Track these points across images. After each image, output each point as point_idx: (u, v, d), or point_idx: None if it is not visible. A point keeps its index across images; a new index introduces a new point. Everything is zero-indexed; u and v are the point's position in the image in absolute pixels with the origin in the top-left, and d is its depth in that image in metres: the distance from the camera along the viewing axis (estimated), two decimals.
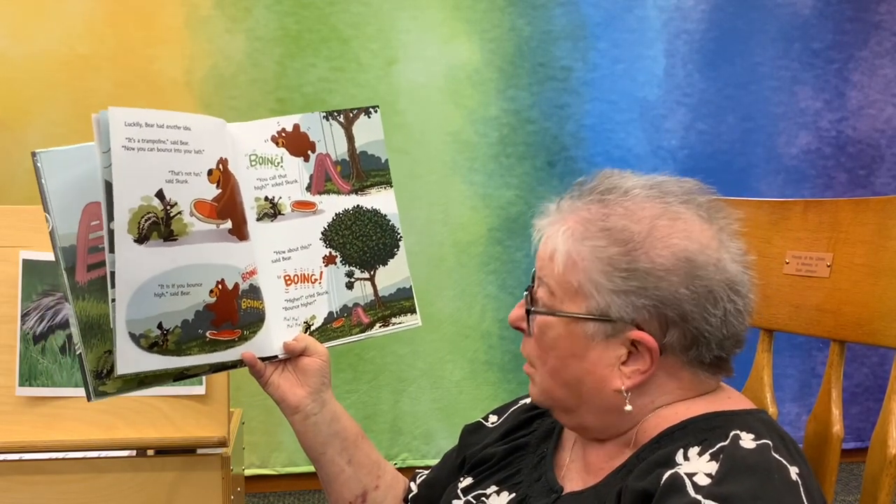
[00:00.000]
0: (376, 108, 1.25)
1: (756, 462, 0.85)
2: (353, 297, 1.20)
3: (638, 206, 0.94)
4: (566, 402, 0.98)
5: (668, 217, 0.93)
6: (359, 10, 2.95)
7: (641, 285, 0.91)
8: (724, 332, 0.93)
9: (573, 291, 0.94)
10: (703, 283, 0.91)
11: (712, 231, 0.94)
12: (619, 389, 0.94)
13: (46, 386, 1.27)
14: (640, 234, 0.92)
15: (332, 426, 1.15)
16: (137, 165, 1.00)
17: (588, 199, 0.97)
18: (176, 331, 1.04)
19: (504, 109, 3.05)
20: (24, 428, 1.26)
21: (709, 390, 0.97)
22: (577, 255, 0.94)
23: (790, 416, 3.15)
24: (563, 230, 0.96)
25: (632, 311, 0.92)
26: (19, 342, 1.27)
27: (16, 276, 1.28)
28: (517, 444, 1.10)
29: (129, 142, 1.00)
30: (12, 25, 2.80)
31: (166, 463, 1.29)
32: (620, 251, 0.92)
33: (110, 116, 1.00)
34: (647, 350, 0.92)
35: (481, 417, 1.21)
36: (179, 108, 2.85)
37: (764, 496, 0.82)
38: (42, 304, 1.29)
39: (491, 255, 3.07)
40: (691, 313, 0.91)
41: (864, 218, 1.05)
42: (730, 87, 3.17)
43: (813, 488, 0.86)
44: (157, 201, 1.02)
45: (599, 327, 0.93)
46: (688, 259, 0.91)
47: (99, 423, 1.27)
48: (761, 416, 0.93)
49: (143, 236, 1.01)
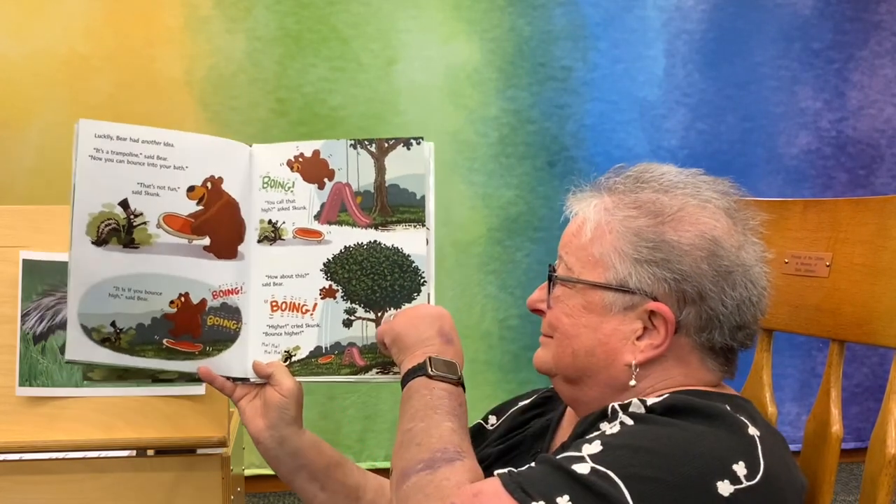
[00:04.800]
0: (420, 140, 1.16)
1: (700, 407, 0.86)
2: (348, 336, 1.13)
3: (671, 185, 0.98)
4: (571, 371, 0.99)
5: (700, 200, 0.96)
6: (359, 10, 2.96)
7: (665, 258, 0.93)
8: (738, 318, 0.95)
9: (593, 262, 0.97)
10: (723, 264, 0.94)
11: (737, 225, 0.97)
12: (629, 364, 0.95)
13: (46, 386, 1.27)
14: (670, 208, 0.95)
15: (296, 460, 1.13)
16: (102, 174, 1.07)
17: (617, 180, 1.01)
18: (129, 331, 1.10)
19: (504, 109, 3.05)
20: (24, 428, 1.26)
21: (708, 383, 0.97)
22: (606, 225, 0.97)
23: (790, 416, 3.15)
24: (596, 203, 1.00)
25: (652, 282, 0.94)
26: (19, 342, 1.27)
27: (16, 276, 1.28)
28: (512, 444, 1.11)
29: (96, 152, 1.07)
30: (12, 25, 2.80)
31: (166, 463, 1.29)
32: (649, 223, 0.95)
33: (80, 127, 1.07)
34: (662, 324, 0.94)
35: (480, 419, 1.21)
36: (179, 108, 2.87)
37: (685, 426, 0.83)
38: (42, 304, 1.29)
39: (491, 255, 3.07)
40: (710, 292, 0.93)
41: (863, 218, 1.05)
42: (730, 87, 3.17)
43: (776, 452, 0.86)
44: (120, 209, 1.08)
45: (618, 298, 0.95)
46: (713, 239, 0.94)
47: (99, 423, 1.27)
48: (736, 400, 0.94)
49: (101, 239, 1.08)
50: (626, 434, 0.85)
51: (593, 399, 0.98)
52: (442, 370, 0.99)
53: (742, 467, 0.82)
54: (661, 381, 0.96)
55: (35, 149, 2.82)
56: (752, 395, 1.14)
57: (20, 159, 2.81)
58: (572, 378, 0.99)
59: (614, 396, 0.96)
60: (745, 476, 0.82)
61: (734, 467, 0.82)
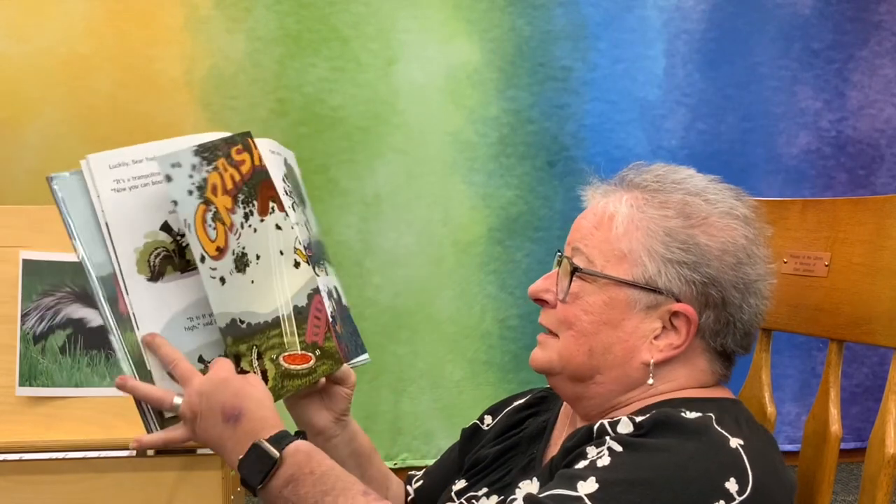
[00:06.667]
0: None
1: (685, 423, 0.86)
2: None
3: (701, 190, 0.98)
4: (583, 369, 0.97)
5: (727, 206, 0.97)
6: (359, 10, 2.95)
7: (696, 260, 0.94)
8: (750, 327, 0.97)
9: (619, 258, 0.96)
10: (749, 273, 0.95)
11: (759, 236, 0.99)
12: (646, 363, 0.95)
13: (46, 386, 1.27)
14: (703, 211, 0.96)
15: (351, 445, 1.15)
16: (133, 204, 0.96)
17: (648, 177, 1.00)
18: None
19: (504, 109, 3.05)
20: (24, 428, 1.26)
21: (706, 384, 0.98)
22: (638, 221, 0.96)
23: (790, 416, 3.15)
24: (626, 198, 0.98)
25: (680, 284, 0.94)
26: (19, 342, 1.27)
27: (16, 276, 1.28)
28: (508, 445, 1.10)
29: (117, 184, 0.96)
30: (12, 25, 2.80)
31: (166, 463, 1.29)
32: (682, 224, 0.95)
33: (91, 164, 0.96)
34: (684, 325, 0.94)
35: (476, 419, 1.21)
36: (179, 108, 2.87)
37: (674, 449, 0.83)
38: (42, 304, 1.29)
39: (491, 255, 3.07)
40: (732, 299, 0.95)
41: (862, 217, 1.05)
42: (730, 87, 3.17)
43: (762, 457, 0.86)
44: (165, 234, 0.98)
45: (642, 296, 0.95)
46: (743, 247, 0.95)
47: (99, 423, 1.27)
48: (724, 404, 0.94)
49: (156, 273, 0.97)
50: (618, 467, 0.83)
51: (598, 395, 0.98)
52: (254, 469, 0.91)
53: (734, 483, 0.83)
54: (666, 381, 0.96)
55: (35, 149, 2.82)
56: (751, 395, 1.15)
57: (20, 159, 2.81)
58: (581, 376, 0.98)
59: (621, 395, 0.97)
60: (737, 492, 0.83)
61: (727, 485, 0.83)
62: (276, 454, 0.91)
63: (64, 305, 1.29)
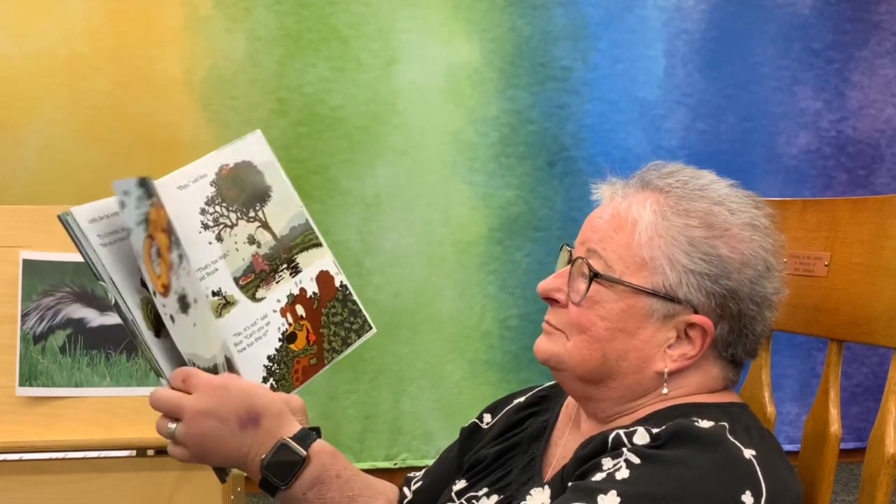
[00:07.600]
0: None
1: (701, 435, 0.86)
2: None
3: (724, 198, 0.96)
4: (595, 373, 0.96)
5: (750, 217, 0.96)
6: (359, 10, 2.96)
7: (718, 272, 0.93)
8: (761, 337, 0.97)
9: (639, 265, 0.94)
10: (766, 287, 0.95)
11: (776, 247, 0.98)
12: (660, 371, 0.94)
13: (46, 386, 1.27)
14: (726, 222, 0.94)
15: None
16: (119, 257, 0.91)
17: (671, 181, 0.97)
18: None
19: (504, 109, 3.06)
20: (24, 428, 1.26)
21: (715, 390, 0.98)
22: (662, 229, 0.94)
23: (790, 416, 3.15)
24: (649, 203, 0.95)
25: (700, 295, 0.93)
26: (19, 342, 1.27)
27: (16, 276, 1.28)
28: (509, 445, 1.10)
29: (100, 238, 0.90)
30: (12, 25, 2.80)
31: (166, 463, 1.29)
32: (706, 234, 0.93)
33: (70, 220, 0.89)
34: (700, 336, 0.93)
35: (475, 417, 1.20)
36: (179, 108, 2.87)
37: (692, 462, 0.83)
38: (42, 304, 1.29)
39: (491, 255, 3.07)
40: (749, 311, 0.94)
41: (861, 217, 1.05)
42: (730, 87, 3.17)
43: (773, 467, 0.87)
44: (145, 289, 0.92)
45: (661, 306, 0.93)
46: (763, 259, 0.95)
47: (99, 423, 1.27)
48: (733, 409, 0.94)
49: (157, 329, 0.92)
50: (638, 480, 0.83)
51: (609, 399, 0.97)
52: (280, 469, 0.89)
53: (749, 496, 0.83)
54: (678, 388, 0.96)
55: (35, 149, 2.82)
56: (751, 395, 1.15)
57: (20, 159, 2.82)
58: (592, 379, 0.97)
59: (632, 400, 0.96)
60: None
61: (743, 498, 0.83)
62: (304, 453, 0.89)
63: (64, 305, 1.29)
